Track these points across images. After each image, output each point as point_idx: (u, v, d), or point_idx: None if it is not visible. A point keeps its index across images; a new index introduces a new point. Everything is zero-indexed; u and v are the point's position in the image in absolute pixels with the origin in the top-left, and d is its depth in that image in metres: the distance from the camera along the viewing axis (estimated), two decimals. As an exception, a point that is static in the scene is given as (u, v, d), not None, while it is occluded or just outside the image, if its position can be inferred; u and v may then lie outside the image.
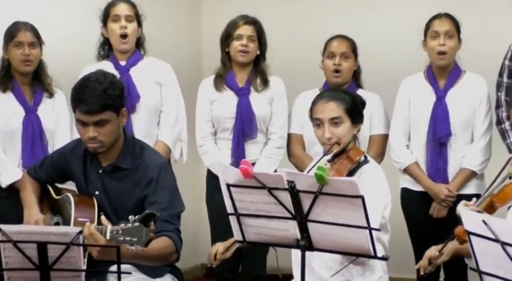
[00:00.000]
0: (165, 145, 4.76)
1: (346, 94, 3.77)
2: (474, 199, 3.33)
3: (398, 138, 4.78)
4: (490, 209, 3.25)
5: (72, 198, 3.72)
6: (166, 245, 3.58)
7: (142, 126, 4.73)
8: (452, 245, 3.45)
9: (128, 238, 3.17)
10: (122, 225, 3.20)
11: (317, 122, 3.72)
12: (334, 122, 3.66)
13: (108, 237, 3.19)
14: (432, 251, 3.60)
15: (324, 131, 3.67)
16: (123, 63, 4.78)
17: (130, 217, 3.20)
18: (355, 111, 3.72)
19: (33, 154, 4.41)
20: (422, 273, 3.66)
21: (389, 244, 3.78)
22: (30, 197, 3.91)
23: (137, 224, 3.17)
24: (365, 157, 3.73)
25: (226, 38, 4.84)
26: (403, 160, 4.75)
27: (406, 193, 4.82)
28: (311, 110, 3.77)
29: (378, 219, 3.59)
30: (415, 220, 4.81)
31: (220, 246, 3.76)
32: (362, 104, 3.82)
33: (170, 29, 5.90)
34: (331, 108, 3.67)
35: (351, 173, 3.63)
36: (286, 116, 4.89)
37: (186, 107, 4.91)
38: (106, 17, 4.76)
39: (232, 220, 3.25)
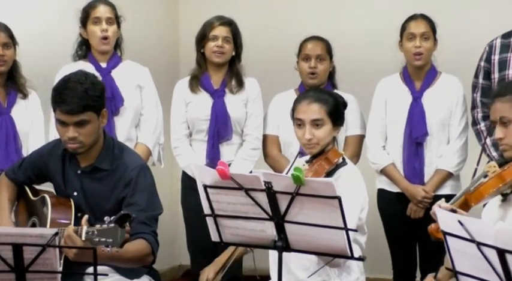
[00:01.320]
0: (146, 148, 4.75)
1: (329, 96, 3.77)
2: (443, 200, 3.33)
3: (375, 139, 4.79)
4: (465, 207, 3.26)
5: (49, 199, 3.71)
6: (143, 247, 3.57)
7: (125, 129, 4.71)
8: (445, 271, 3.45)
9: (103, 239, 3.16)
10: (98, 226, 3.19)
11: (298, 122, 3.72)
12: (316, 123, 3.67)
13: (83, 238, 3.18)
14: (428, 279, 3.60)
15: (305, 132, 3.67)
16: (103, 65, 4.75)
17: (105, 218, 3.20)
18: (337, 114, 3.74)
19: (7, 156, 4.38)
20: None
21: (366, 244, 3.79)
22: (3, 204, 3.87)
23: (112, 225, 3.16)
24: (343, 159, 3.74)
25: (202, 38, 4.83)
26: (380, 161, 4.76)
27: (382, 194, 4.84)
28: (293, 109, 3.78)
29: (355, 220, 3.60)
30: (391, 220, 4.83)
31: (210, 271, 3.76)
32: (344, 106, 3.83)
33: (146, 30, 5.88)
34: (314, 110, 3.68)
35: (328, 174, 3.64)
36: (262, 117, 4.89)
37: (163, 110, 4.90)
38: (85, 18, 4.72)
39: (209, 221, 3.25)
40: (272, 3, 6.00)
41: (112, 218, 3.18)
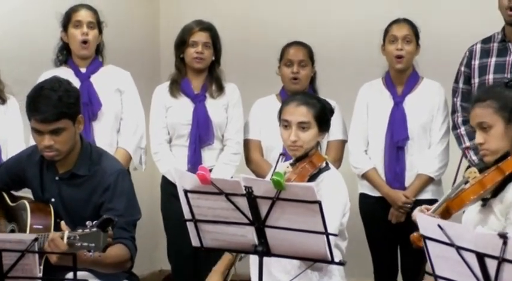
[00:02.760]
0: (126, 152, 4.72)
1: (318, 101, 3.80)
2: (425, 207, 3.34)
3: (357, 144, 4.80)
4: (446, 214, 3.27)
5: (28, 205, 3.68)
6: (123, 252, 3.57)
7: (104, 134, 4.69)
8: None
9: (85, 244, 3.16)
10: (80, 231, 3.19)
11: (285, 123, 3.74)
12: (302, 126, 3.69)
13: (65, 242, 3.17)
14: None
15: (291, 134, 3.69)
16: (83, 70, 4.74)
17: (87, 223, 3.19)
18: (324, 119, 3.76)
19: (-15, 162, 4.36)
20: None
21: (347, 248, 3.80)
22: None
23: (95, 229, 3.16)
24: (326, 163, 3.75)
25: (181, 44, 4.83)
26: (362, 166, 4.77)
27: (364, 198, 4.84)
28: (280, 110, 3.79)
29: (337, 225, 3.61)
30: (373, 225, 4.84)
31: None
32: (331, 113, 3.85)
33: (127, 34, 5.86)
34: (301, 113, 3.70)
35: (311, 178, 3.66)
36: (242, 122, 4.89)
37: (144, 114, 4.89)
38: (67, 22, 4.71)
39: (190, 226, 3.25)
40: (253, 8, 6.00)
41: (94, 222, 3.18)
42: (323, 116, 3.74)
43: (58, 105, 3.52)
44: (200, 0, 6.06)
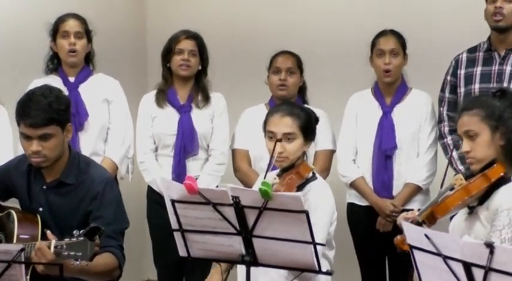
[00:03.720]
0: (112, 162, 4.72)
1: (302, 111, 3.81)
2: (414, 212, 3.34)
3: (346, 152, 4.81)
4: (431, 219, 3.28)
5: (15, 215, 3.67)
6: (110, 261, 3.56)
7: (90, 144, 4.69)
8: None
9: (72, 253, 3.16)
10: (67, 240, 3.18)
11: (270, 135, 3.75)
12: (288, 137, 3.70)
13: (51, 251, 3.17)
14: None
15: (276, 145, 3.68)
16: (72, 79, 4.74)
17: (75, 232, 3.19)
18: (309, 129, 3.77)
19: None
20: None
21: (335, 258, 3.80)
22: None
23: (82, 238, 3.16)
24: (313, 173, 3.75)
25: (168, 52, 4.84)
26: (350, 174, 4.78)
27: (352, 207, 4.84)
28: (265, 121, 3.79)
29: (325, 235, 3.62)
30: (360, 234, 4.84)
31: None
32: (316, 121, 3.85)
33: (114, 44, 5.86)
34: (287, 124, 3.71)
35: (298, 188, 3.66)
36: (227, 132, 4.89)
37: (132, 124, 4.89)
38: (55, 32, 4.72)
39: (177, 236, 3.25)
40: (240, 17, 6.00)
41: (81, 231, 3.18)
42: (308, 126, 3.75)
43: (48, 110, 3.53)
44: (188, 9, 6.06)
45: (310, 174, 3.73)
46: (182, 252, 3.29)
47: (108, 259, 3.54)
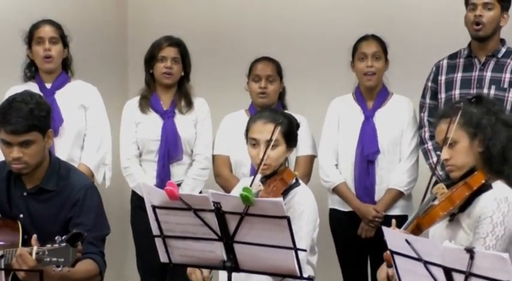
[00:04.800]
0: (87, 169, 4.68)
1: (284, 117, 3.80)
2: (394, 221, 3.34)
3: (327, 158, 4.81)
4: (417, 231, 3.26)
5: None
6: (91, 267, 3.55)
7: (65, 150, 4.66)
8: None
9: (54, 259, 3.15)
10: (48, 246, 3.17)
11: (253, 142, 3.75)
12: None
13: (33, 257, 3.15)
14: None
15: (259, 152, 3.69)
16: (48, 85, 4.72)
17: (57, 238, 3.19)
18: (292, 135, 3.77)
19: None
20: None
21: (317, 264, 3.80)
22: None
23: (64, 244, 3.14)
24: (296, 179, 3.76)
25: (150, 59, 4.85)
26: (332, 179, 4.78)
27: (334, 213, 4.85)
28: (247, 128, 3.79)
29: (309, 242, 3.62)
30: (343, 240, 4.84)
31: None
32: (297, 127, 3.86)
33: (95, 50, 5.84)
34: (269, 130, 3.69)
35: (282, 194, 3.66)
36: (211, 137, 4.89)
37: (111, 129, 4.87)
38: (30, 39, 4.71)
39: (158, 242, 3.24)
40: (221, 23, 6.00)
41: (64, 237, 3.17)
42: (291, 132, 3.76)
43: (29, 117, 3.51)
44: (168, 14, 6.05)
45: (294, 180, 3.74)
46: (163, 258, 3.28)
47: (88, 266, 3.53)
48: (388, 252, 3.22)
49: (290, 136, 3.75)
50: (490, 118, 3.33)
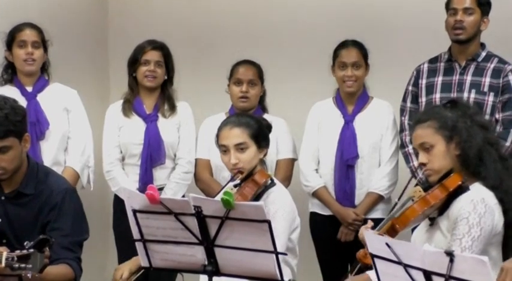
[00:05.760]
0: (74, 171, 4.69)
1: (251, 119, 3.82)
2: (370, 222, 3.36)
3: (308, 162, 4.82)
4: (392, 232, 3.29)
5: None
6: (66, 272, 3.54)
7: (51, 153, 4.66)
8: None
9: (22, 265, 3.13)
10: (18, 252, 3.16)
11: (223, 149, 3.76)
12: (240, 147, 3.71)
13: (3, 264, 3.14)
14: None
15: (230, 157, 3.71)
16: (29, 89, 4.70)
17: (25, 243, 3.16)
18: (261, 136, 3.77)
19: None
20: None
21: (298, 267, 3.80)
22: None
23: (31, 250, 3.13)
24: (271, 180, 3.76)
25: (134, 62, 4.84)
26: (312, 184, 4.79)
27: (314, 217, 4.86)
28: (217, 136, 3.80)
29: (284, 242, 3.63)
30: (323, 243, 4.85)
31: (125, 270, 3.69)
32: (268, 128, 3.86)
33: (76, 53, 5.82)
34: (236, 134, 3.72)
35: (258, 197, 3.67)
36: (194, 141, 4.88)
37: (93, 133, 4.85)
38: (11, 41, 4.68)
39: (139, 246, 3.23)
40: (201, 26, 6.00)
41: (31, 243, 3.15)
42: (259, 133, 3.76)
43: (4, 123, 3.47)
44: (150, 17, 6.05)
45: (268, 181, 3.75)
46: (144, 262, 3.27)
47: (63, 271, 3.52)
48: (360, 251, 3.27)
49: (259, 137, 3.76)
50: (466, 121, 3.36)
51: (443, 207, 3.29)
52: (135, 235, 3.21)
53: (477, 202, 3.22)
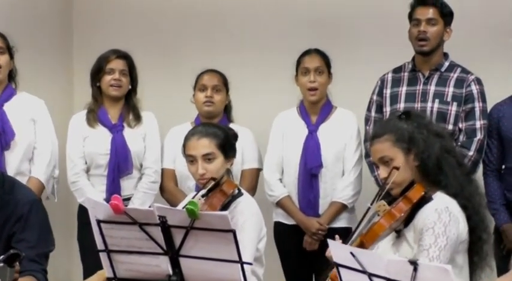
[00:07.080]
0: (39, 182, 4.67)
1: (218, 129, 3.81)
2: (337, 237, 3.35)
3: (272, 171, 4.83)
4: (362, 248, 3.28)
5: None
6: None
7: (15, 163, 4.64)
8: None
9: None
10: None
11: (190, 159, 3.76)
12: (207, 158, 3.71)
13: None
14: None
15: (198, 168, 3.70)
16: (-4, 98, 4.68)
17: None
18: (228, 145, 3.77)
19: None
20: None
21: (264, 276, 3.80)
22: None
23: (1, 264, 3.09)
24: (239, 189, 3.76)
25: (98, 72, 4.82)
26: (276, 193, 4.80)
27: (278, 226, 4.86)
28: (184, 146, 3.79)
29: (253, 252, 3.62)
30: (287, 253, 4.86)
31: None
32: (234, 137, 3.86)
33: (40, 62, 5.79)
34: (204, 145, 3.71)
35: (225, 206, 3.66)
36: (160, 150, 4.88)
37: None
38: None
39: (103, 256, 3.21)
40: (165, 36, 5.99)
41: (1, 257, 3.12)
42: (226, 143, 3.76)
43: None
44: (115, 27, 6.02)
45: (236, 190, 3.75)
46: (108, 273, 3.25)
47: None
48: (334, 271, 3.26)
49: (226, 147, 3.76)
50: (422, 131, 3.38)
51: (408, 218, 3.29)
52: (99, 245, 3.18)
53: (441, 210, 3.24)
